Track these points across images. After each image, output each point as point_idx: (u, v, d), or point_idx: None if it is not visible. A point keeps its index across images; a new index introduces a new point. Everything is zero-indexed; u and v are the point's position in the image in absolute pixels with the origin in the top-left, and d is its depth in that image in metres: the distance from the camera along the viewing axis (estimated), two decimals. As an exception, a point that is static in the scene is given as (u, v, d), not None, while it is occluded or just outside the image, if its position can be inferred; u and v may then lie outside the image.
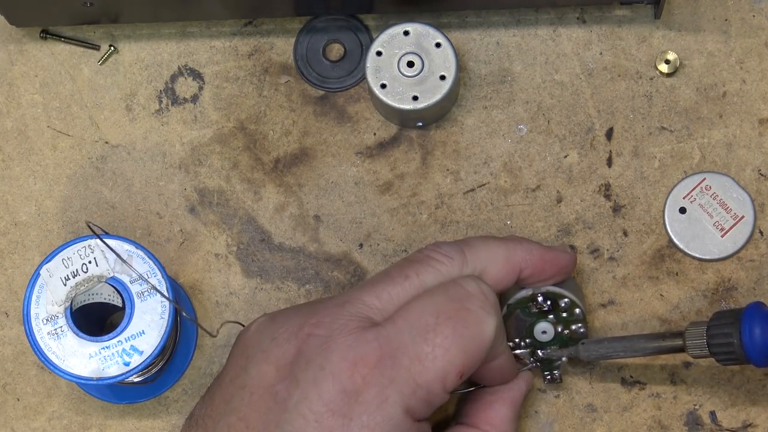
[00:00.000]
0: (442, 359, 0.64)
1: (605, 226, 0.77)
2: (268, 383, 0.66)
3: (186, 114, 0.79)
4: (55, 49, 0.79)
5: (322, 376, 0.64)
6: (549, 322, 0.72)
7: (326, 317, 0.66)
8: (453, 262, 0.68)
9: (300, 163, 0.78)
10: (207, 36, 0.79)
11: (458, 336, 0.65)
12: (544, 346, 0.73)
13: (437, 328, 0.65)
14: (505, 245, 0.70)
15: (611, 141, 0.78)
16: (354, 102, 0.78)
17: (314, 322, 0.66)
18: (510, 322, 0.72)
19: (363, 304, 0.67)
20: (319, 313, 0.67)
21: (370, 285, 0.68)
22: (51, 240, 0.78)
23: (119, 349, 0.69)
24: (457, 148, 0.78)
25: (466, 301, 0.66)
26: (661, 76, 0.78)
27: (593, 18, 0.79)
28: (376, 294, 0.67)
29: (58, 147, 0.79)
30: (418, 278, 0.68)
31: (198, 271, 0.78)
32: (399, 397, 0.64)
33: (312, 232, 0.78)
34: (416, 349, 0.64)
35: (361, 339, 0.65)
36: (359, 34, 0.79)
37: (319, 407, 0.64)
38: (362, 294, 0.67)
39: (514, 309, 0.72)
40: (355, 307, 0.67)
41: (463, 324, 0.65)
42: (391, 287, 0.67)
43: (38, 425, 0.77)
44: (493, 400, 0.72)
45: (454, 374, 0.65)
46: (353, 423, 0.63)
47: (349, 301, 0.67)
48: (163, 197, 0.78)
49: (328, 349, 0.65)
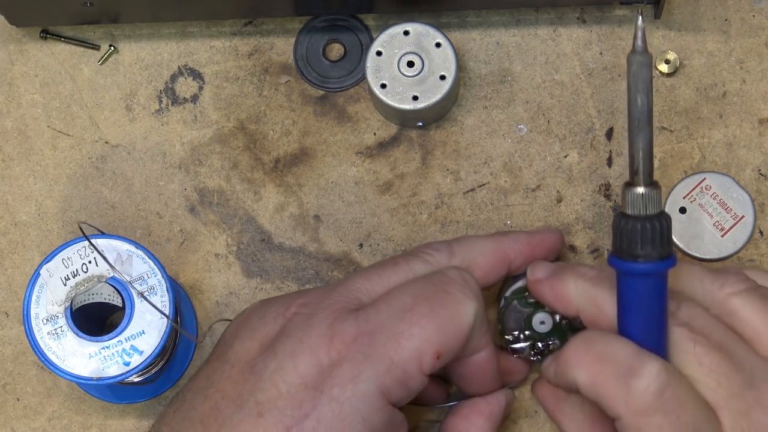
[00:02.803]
0: (417, 337, 0.65)
1: (605, 226, 0.77)
2: (249, 357, 0.67)
3: (186, 114, 0.79)
4: (55, 49, 0.79)
5: (299, 349, 0.65)
6: (546, 312, 0.72)
7: (315, 298, 0.68)
8: (441, 254, 0.70)
9: (300, 163, 0.78)
10: (207, 36, 0.79)
11: (435, 315, 0.65)
12: (543, 337, 0.72)
13: (414, 308, 0.65)
14: (493, 238, 0.71)
15: (611, 141, 0.78)
16: (354, 102, 0.78)
17: (302, 302, 0.68)
18: (508, 314, 0.72)
19: (352, 285, 0.69)
20: (309, 295, 0.69)
21: (362, 271, 0.70)
22: (51, 240, 0.78)
23: (119, 349, 0.69)
24: (457, 148, 0.78)
25: (446, 285, 0.67)
26: (661, 76, 0.78)
27: (593, 18, 0.79)
28: (367, 276, 0.69)
29: (58, 147, 0.79)
30: (408, 265, 0.69)
31: (198, 271, 0.78)
32: (373, 373, 0.64)
33: (312, 232, 0.78)
34: (393, 328, 0.65)
35: (342, 317, 0.66)
36: (359, 34, 0.79)
37: (293, 378, 0.65)
38: (353, 278, 0.69)
39: (511, 300, 0.72)
40: (344, 288, 0.68)
41: (440, 304, 0.66)
42: (381, 271, 0.69)
43: (38, 425, 0.77)
44: (468, 412, 0.71)
45: (430, 354, 0.65)
46: (324, 396, 0.64)
47: (340, 284, 0.69)
48: (163, 197, 0.78)
49: (310, 325, 0.66)
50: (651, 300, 0.64)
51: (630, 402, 0.62)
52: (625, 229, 0.64)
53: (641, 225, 0.64)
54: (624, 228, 0.64)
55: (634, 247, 0.64)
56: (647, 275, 0.64)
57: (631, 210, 0.64)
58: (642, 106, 0.64)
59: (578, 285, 0.68)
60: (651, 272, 0.64)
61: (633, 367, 0.63)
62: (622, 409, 0.63)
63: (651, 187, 0.64)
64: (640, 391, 0.62)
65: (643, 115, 0.64)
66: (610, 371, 0.63)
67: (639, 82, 0.64)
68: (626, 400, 0.62)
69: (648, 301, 0.64)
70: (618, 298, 0.65)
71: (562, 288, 0.69)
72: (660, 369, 0.63)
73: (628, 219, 0.64)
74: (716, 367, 0.64)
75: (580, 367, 0.64)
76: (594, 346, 0.65)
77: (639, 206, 0.64)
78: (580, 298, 0.68)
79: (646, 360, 0.63)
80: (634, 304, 0.65)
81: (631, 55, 0.65)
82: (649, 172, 0.64)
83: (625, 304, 0.65)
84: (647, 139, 0.64)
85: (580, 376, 0.64)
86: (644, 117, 0.64)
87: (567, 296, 0.69)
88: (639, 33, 0.64)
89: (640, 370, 0.63)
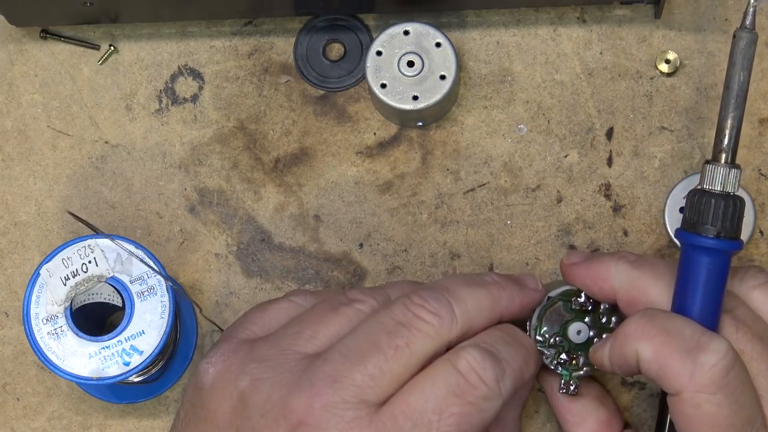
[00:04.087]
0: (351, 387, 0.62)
1: (605, 226, 0.77)
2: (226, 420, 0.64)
3: (186, 114, 0.79)
4: (55, 49, 0.79)
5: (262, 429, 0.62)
6: (586, 323, 0.70)
7: (316, 401, 0.62)
8: (443, 322, 0.64)
9: (300, 162, 0.78)
10: (207, 36, 0.79)
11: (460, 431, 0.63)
12: (573, 348, 0.70)
13: (440, 427, 0.62)
14: (490, 295, 0.67)
15: (611, 141, 0.78)
16: (354, 102, 0.78)
17: (304, 408, 0.62)
18: (548, 314, 0.70)
19: (355, 386, 0.62)
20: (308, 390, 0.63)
21: (358, 358, 0.63)
22: (51, 240, 0.78)
23: (119, 349, 0.69)
24: (457, 147, 0.78)
25: (469, 393, 0.63)
26: (662, 75, 0.78)
27: (593, 18, 0.79)
28: (368, 372, 0.63)
29: (58, 147, 0.79)
30: (409, 348, 0.63)
31: (198, 271, 0.78)
32: None
33: (312, 232, 0.78)
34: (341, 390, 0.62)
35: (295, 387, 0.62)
36: (359, 34, 0.79)
37: None
38: (353, 372, 0.63)
39: (555, 301, 0.70)
40: (347, 392, 0.62)
41: (467, 420, 0.63)
42: (382, 362, 0.63)
43: (38, 425, 0.77)
44: None
45: None
46: None
47: (339, 380, 0.62)
48: (163, 197, 0.78)
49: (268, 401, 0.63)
50: (715, 278, 0.64)
51: (696, 376, 0.62)
52: (700, 203, 0.64)
53: (718, 201, 0.64)
54: (699, 202, 0.64)
55: (707, 222, 0.64)
56: (717, 252, 0.64)
57: (709, 185, 0.64)
58: (743, 83, 0.65)
59: (619, 266, 0.67)
60: (722, 249, 0.64)
61: (701, 342, 0.62)
62: (685, 383, 0.62)
63: (733, 165, 0.65)
64: (708, 366, 0.62)
65: (742, 92, 0.65)
66: (676, 345, 0.62)
67: (744, 58, 0.64)
68: (692, 375, 0.62)
69: (712, 280, 0.64)
70: (679, 273, 0.65)
71: (600, 268, 0.68)
72: (728, 347, 0.62)
73: (705, 194, 0.64)
74: (758, 355, 0.64)
75: (645, 341, 0.63)
76: (657, 320, 0.64)
77: (719, 182, 0.64)
78: (619, 278, 0.67)
79: (714, 337, 0.63)
80: (697, 281, 0.64)
81: (738, 30, 0.64)
82: (734, 150, 0.65)
83: (688, 279, 0.64)
84: (739, 118, 0.64)
85: (644, 350, 0.63)
86: (742, 95, 0.65)
87: (605, 277, 0.67)
88: (751, 9, 0.64)
89: (708, 345, 0.62)
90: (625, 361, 0.64)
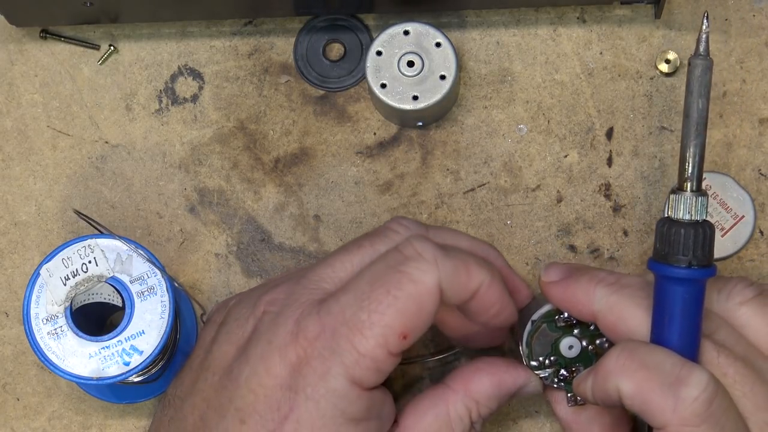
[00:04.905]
0: (378, 325, 0.64)
1: (605, 226, 0.77)
2: (226, 363, 0.67)
3: (186, 114, 0.79)
4: (55, 48, 0.79)
5: (269, 350, 0.65)
6: (575, 337, 0.70)
7: (281, 293, 0.68)
8: (409, 232, 0.68)
9: (300, 162, 0.78)
10: (207, 36, 0.79)
11: (392, 298, 0.64)
12: (570, 363, 0.70)
13: (371, 294, 0.64)
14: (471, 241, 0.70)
15: (611, 141, 0.78)
16: (354, 102, 0.78)
17: (269, 299, 0.68)
18: (536, 338, 0.70)
19: (317, 275, 0.68)
20: (276, 290, 0.68)
21: (328, 257, 0.69)
22: (51, 240, 0.78)
23: (119, 348, 0.69)
24: (457, 147, 0.78)
25: (402, 264, 0.65)
26: (661, 75, 0.78)
27: (593, 18, 0.79)
28: (330, 264, 0.68)
29: (58, 147, 0.79)
30: (372, 247, 0.68)
31: (198, 271, 0.78)
32: (341, 368, 0.64)
33: (312, 231, 0.78)
34: (354, 319, 0.64)
35: (306, 311, 0.65)
36: (359, 34, 0.79)
37: (267, 381, 0.65)
38: (318, 266, 0.68)
39: (540, 324, 0.70)
40: (309, 281, 0.67)
41: (396, 286, 0.64)
42: (344, 256, 0.68)
43: (38, 425, 0.77)
44: (481, 368, 0.69)
45: (395, 337, 0.64)
46: (299, 396, 0.64)
47: (305, 275, 0.68)
48: (163, 197, 0.78)
49: (276, 324, 0.66)
50: (690, 308, 0.64)
51: (679, 411, 0.61)
52: (669, 233, 0.64)
53: (687, 231, 0.64)
54: (669, 233, 0.64)
55: (678, 252, 0.64)
56: (690, 282, 0.64)
57: (677, 215, 0.64)
58: (702, 111, 0.64)
59: (598, 290, 0.67)
60: (695, 278, 0.64)
61: (681, 376, 0.62)
62: (669, 418, 0.62)
63: (699, 193, 0.64)
64: (690, 400, 0.61)
65: (702, 119, 0.64)
66: (657, 380, 0.62)
67: (701, 85, 0.64)
68: (675, 410, 0.61)
69: (688, 309, 0.64)
70: (655, 303, 0.65)
71: (578, 292, 0.68)
72: (709, 378, 0.62)
73: (674, 224, 0.64)
74: (741, 378, 0.63)
75: (625, 377, 0.63)
76: (637, 354, 0.63)
77: (686, 212, 0.64)
78: (599, 304, 0.67)
79: (694, 369, 0.62)
80: (673, 311, 0.64)
81: (693, 58, 0.64)
82: (698, 178, 0.64)
83: (664, 310, 0.64)
84: (701, 145, 0.64)
85: (624, 385, 0.63)
86: (702, 122, 0.64)
87: (584, 301, 0.67)
88: (703, 36, 0.64)
89: (688, 379, 0.62)
90: (607, 396, 0.64)
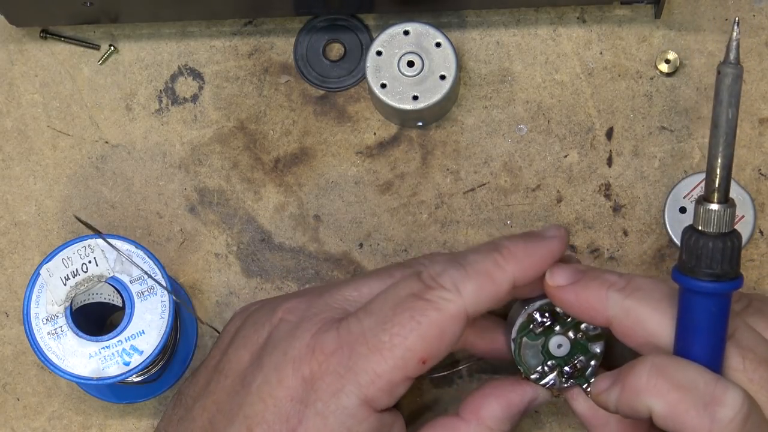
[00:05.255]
0: (400, 348, 0.64)
1: (605, 226, 0.77)
2: (240, 368, 0.67)
3: (186, 114, 0.79)
4: (55, 48, 0.79)
5: (283, 361, 0.65)
6: (560, 334, 0.69)
7: (302, 304, 0.68)
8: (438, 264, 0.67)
9: (300, 162, 0.78)
10: (207, 36, 0.79)
11: (416, 323, 0.64)
12: (568, 359, 0.70)
13: (394, 318, 0.64)
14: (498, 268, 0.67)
15: (611, 141, 0.78)
16: (354, 102, 0.78)
17: (288, 307, 0.68)
18: (524, 353, 0.69)
19: (340, 295, 0.68)
20: (297, 300, 0.68)
21: (355, 279, 0.69)
22: (51, 240, 0.78)
23: (119, 348, 0.69)
24: (457, 147, 0.78)
25: (425, 292, 0.65)
26: (661, 75, 0.78)
27: (593, 18, 0.79)
28: (357, 287, 0.68)
29: (58, 147, 0.79)
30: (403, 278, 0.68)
31: (198, 271, 0.78)
32: (355, 387, 0.64)
33: (312, 231, 0.78)
34: (374, 340, 0.64)
35: (325, 327, 0.66)
36: (359, 34, 0.79)
37: (279, 392, 0.65)
38: (344, 285, 0.68)
39: (520, 340, 0.69)
40: (332, 298, 0.68)
41: (420, 312, 0.64)
42: (374, 282, 0.68)
43: (38, 425, 0.77)
44: (488, 392, 0.69)
45: (414, 361, 0.64)
46: (308, 410, 0.64)
47: (329, 291, 0.68)
48: (163, 197, 0.78)
49: (293, 336, 0.66)
50: (717, 320, 0.63)
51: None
52: (696, 245, 0.62)
53: (715, 244, 0.62)
54: (696, 245, 0.63)
55: (706, 265, 0.62)
56: (717, 295, 0.63)
57: (704, 227, 0.63)
58: (731, 121, 0.62)
59: (610, 295, 0.65)
60: (723, 292, 0.63)
61: (716, 395, 0.61)
62: None
63: (727, 205, 0.63)
64: (726, 421, 0.61)
65: (731, 129, 0.62)
66: (691, 400, 0.61)
67: (731, 95, 0.62)
68: (710, 430, 0.61)
69: (714, 321, 0.63)
70: (680, 315, 0.64)
71: (590, 298, 0.66)
72: (744, 397, 0.61)
73: (701, 236, 0.63)
74: (766, 383, 0.63)
75: (657, 396, 0.62)
76: (668, 372, 0.62)
77: (714, 224, 0.62)
78: (613, 309, 0.65)
79: (728, 387, 0.62)
80: (700, 324, 0.63)
81: (723, 66, 0.62)
82: (726, 189, 0.63)
83: (690, 322, 0.63)
84: (730, 156, 0.62)
85: (656, 405, 0.62)
86: (732, 132, 0.62)
87: (597, 307, 0.66)
88: (733, 44, 0.61)
89: (723, 398, 0.61)
90: (635, 412, 0.63)
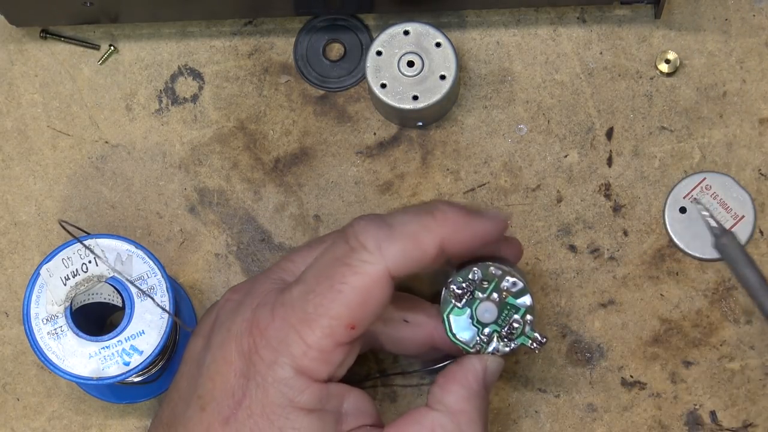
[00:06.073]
0: (325, 317, 0.64)
1: (605, 226, 0.77)
2: (196, 353, 0.68)
3: (186, 114, 0.79)
4: (55, 48, 0.79)
5: (228, 338, 0.66)
6: (483, 301, 0.68)
7: (247, 283, 0.69)
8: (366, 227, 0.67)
9: (300, 162, 0.78)
10: (207, 36, 0.79)
11: (336, 292, 0.64)
12: (505, 321, 0.68)
13: (317, 288, 0.65)
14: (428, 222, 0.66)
15: (611, 141, 0.78)
16: (354, 102, 0.78)
17: (235, 288, 0.70)
18: (456, 330, 0.68)
19: (279, 267, 0.69)
20: (242, 282, 0.70)
21: (293, 250, 0.71)
22: (51, 240, 0.78)
23: (119, 348, 0.69)
24: (457, 147, 0.78)
25: (346, 256, 0.65)
26: (661, 75, 0.78)
27: (593, 18, 0.79)
28: (292, 258, 0.69)
29: (58, 147, 0.79)
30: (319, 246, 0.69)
31: (198, 271, 0.78)
32: (289, 358, 0.65)
33: (312, 232, 0.78)
34: (302, 311, 0.65)
35: (263, 302, 0.66)
36: (359, 34, 0.79)
37: (224, 369, 0.66)
38: (282, 260, 0.70)
39: (448, 317, 0.68)
40: (272, 272, 0.69)
41: (340, 279, 0.65)
42: (306, 251, 0.69)
43: (38, 425, 0.77)
44: (445, 381, 0.69)
45: (342, 328, 0.65)
46: (250, 383, 0.65)
47: (270, 268, 0.70)
48: (163, 197, 0.78)
49: (236, 312, 0.67)
50: None
51: None
52: None
53: None
54: None
55: None
56: None
57: None
58: (755, 277, 0.73)
59: None
60: None
61: None
62: None
63: None
64: None
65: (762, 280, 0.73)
66: None
67: (742, 254, 0.73)
68: None
69: None
70: None
71: None
72: None
73: None
74: None
75: None
76: None
77: None
78: None
79: None
80: None
81: (718, 239, 0.74)
82: None
83: None
84: None
85: None
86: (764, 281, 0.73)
87: None
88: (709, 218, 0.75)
89: None
90: None
